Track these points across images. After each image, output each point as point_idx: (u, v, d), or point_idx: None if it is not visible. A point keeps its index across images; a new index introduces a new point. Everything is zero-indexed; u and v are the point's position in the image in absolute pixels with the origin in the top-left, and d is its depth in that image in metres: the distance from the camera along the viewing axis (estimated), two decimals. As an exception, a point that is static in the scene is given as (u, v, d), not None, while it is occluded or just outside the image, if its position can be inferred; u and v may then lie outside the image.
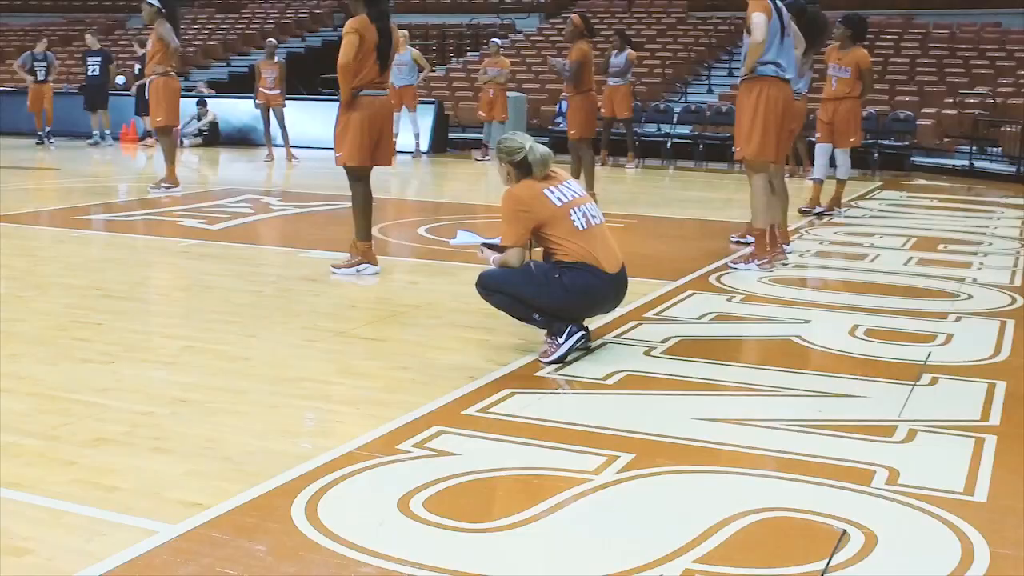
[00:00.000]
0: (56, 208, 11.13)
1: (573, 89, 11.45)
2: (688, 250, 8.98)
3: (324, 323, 6.01)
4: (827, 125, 10.95)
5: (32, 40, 22.89)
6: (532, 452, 4.01)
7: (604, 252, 5.25)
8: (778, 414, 4.55)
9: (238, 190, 13.07)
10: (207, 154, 18.81)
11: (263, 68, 17.24)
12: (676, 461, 3.94)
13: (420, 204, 12.87)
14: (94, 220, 9.98)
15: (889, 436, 4.27)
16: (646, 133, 18.57)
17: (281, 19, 29.86)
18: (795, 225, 10.24)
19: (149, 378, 4.89)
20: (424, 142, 18.85)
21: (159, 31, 11.71)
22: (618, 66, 16.53)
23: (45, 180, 14.73)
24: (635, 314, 6.30)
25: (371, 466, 3.84)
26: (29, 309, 6.30)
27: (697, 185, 15.27)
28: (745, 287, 7.18)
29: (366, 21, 7.15)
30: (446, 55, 27.14)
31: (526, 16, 27.29)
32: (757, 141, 7.60)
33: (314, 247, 8.57)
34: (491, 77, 17.57)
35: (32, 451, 3.95)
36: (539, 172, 5.25)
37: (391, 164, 7.67)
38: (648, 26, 25.26)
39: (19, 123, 20.50)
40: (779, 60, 7.55)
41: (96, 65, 19.80)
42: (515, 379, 4.97)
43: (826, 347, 5.70)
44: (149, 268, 7.61)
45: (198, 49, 27.90)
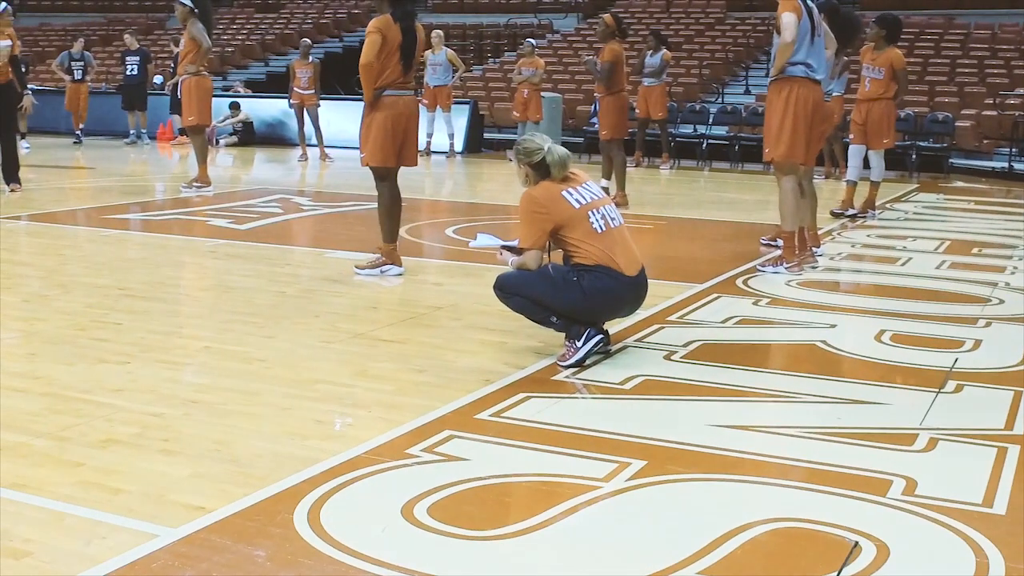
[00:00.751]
0: (88, 207, 11.18)
1: (605, 90, 11.38)
2: (717, 252, 8.88)
3: (344, 324, 5.98)
4: (860, 126, 10.80)
5: (73, 40, 23.03)
6: (542, 458, 3.96)
7: (623, 255, 5.18)
8: (796, 421, 4.48)
9: (270, 190, 13.09)
10: (241, 154, 18.86)
11: (298, 68, 17.27)
12: (688, 469, 3.88)
13: (451, 205, 12.82)
14: (124, 219, 10.01)
15: (909, 445, 4.17)
16: (681, 134, 18.45)
17: (319, 19, 29.93)
18: (827, 227, 10.12)
19: (163, 379, 4.87)
20: (459, 142, 18.82)
21: (191, 31, 11.75)
22: (653, 66, 16.43)
23: (79, 179, 14.83)
24: (658, 317, 6.23)
25: (378, 471, 3.79)
26: (51, 308, 6.31)
27: (732, 186, 15.13)
28: (772, 290, 7.09)
29: (389, 21, 7.13)
30: (483, 55, 27.12)
31: (563, 16, 27.22)
32: (786, 142, 7.50)
33: (340, 247, 8.55)
34: (525, 77, 17.51)
35: (40, 452, 3.94)
36: (557, 173, 5.19)
37: (416, 164, 7.62)
38: (686, 26, 25.12)
39: (58, 122, 20.65)
40: (809, 60, 7.46)
41: (135, 65, 19.92)
42: (531, 383, 4.92)
43: (851, 352, 5.60)
44: (174, 268, 7.61)
45: (236, 49, 28.02)
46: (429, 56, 18.03)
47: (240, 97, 21.33)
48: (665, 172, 16.66)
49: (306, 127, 17.60)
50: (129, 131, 19.98)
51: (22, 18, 33.31)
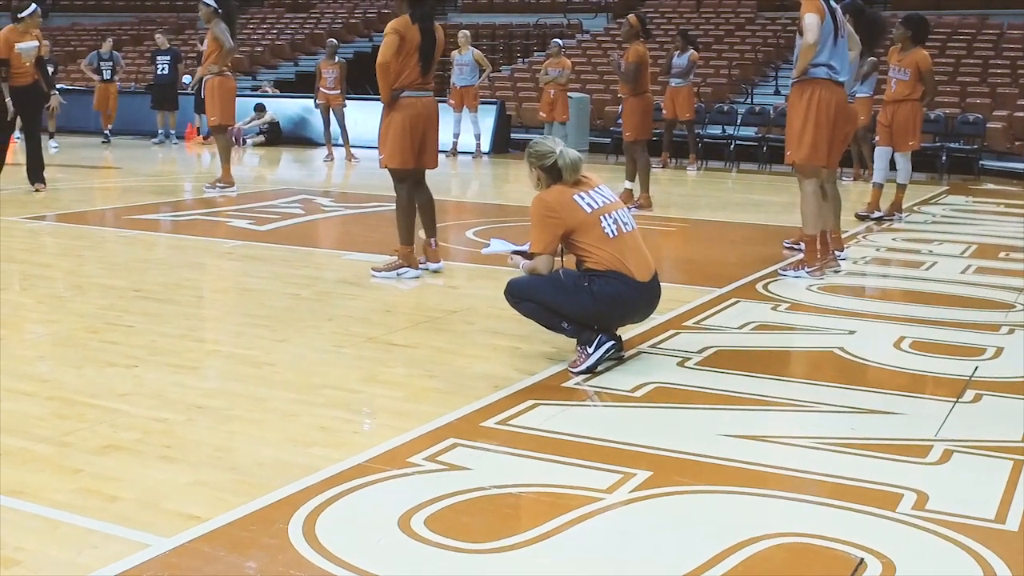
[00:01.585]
0: (110, 207, 11.21)
1: (629, 91, 11.30)
2: (739, 255, 8.78)
3: (356, 328, 5.93)
4: (886, 128, 10.67)
5: (103, 40, 23.15)
6: (545, 468, 3.89)
7: (635, 260, 5.11)
8: (808, 431, 4.39)
9: (293, 190, 13.08)
10: (268, 154, 18.89)
11: (324, 68, 17.27)
12: (694, 480, 3.80)
13: (475, 206, 12.73)
14: (145, 220, 10.00)
15: (922, 457, 4.08)
16: (709, 135, 18.31)
17: (349, 19, 29.96)
18: (853, 230, 10.00)
19: (170, 383, 4.83)
20: (485, 143, 18.76)
21: (214, 31, 11.75)
22: (680, 67, 16.32)
23: (105, 179, 14.88)
24: (674, 322, 6.15)
25: (378, 480, 3.74)
26: (65, 310, 6.30)
27: (759, 188, 15.01)
28: (792, 295, 6.99)
29: (407, 22, 7.09)
30: (513, 55, 27.06)
31: (593, 16, 27.12)
32: (808, 145, 7.41)
33: (359, 249, 8.51)
34: (552, 78, 17.44)
35: (41, 457, 3.91)
36: (569, 177, 5.12)
37: (436, 166, 7.57)
38: (716, 26, 24.97)
39: (87, 121, 20.74)
40: (832, 62, 7.35)
41: (166, 65, 19.96)
42: (541, 390, 4.85)
43: (869, 360, 5.50)
44: (191, 269, 7.59)
45: (266, 49, 28.08)
46: (456, 56, 18.00)
47: (267, 97, 21.36)
48: (692, 173, 16.55)
49: (332, 127, 17.56)
50: (157, 131, 20.03)
51: (54, 18, 33.56)
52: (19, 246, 8.42)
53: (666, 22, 25.37)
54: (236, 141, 19.59)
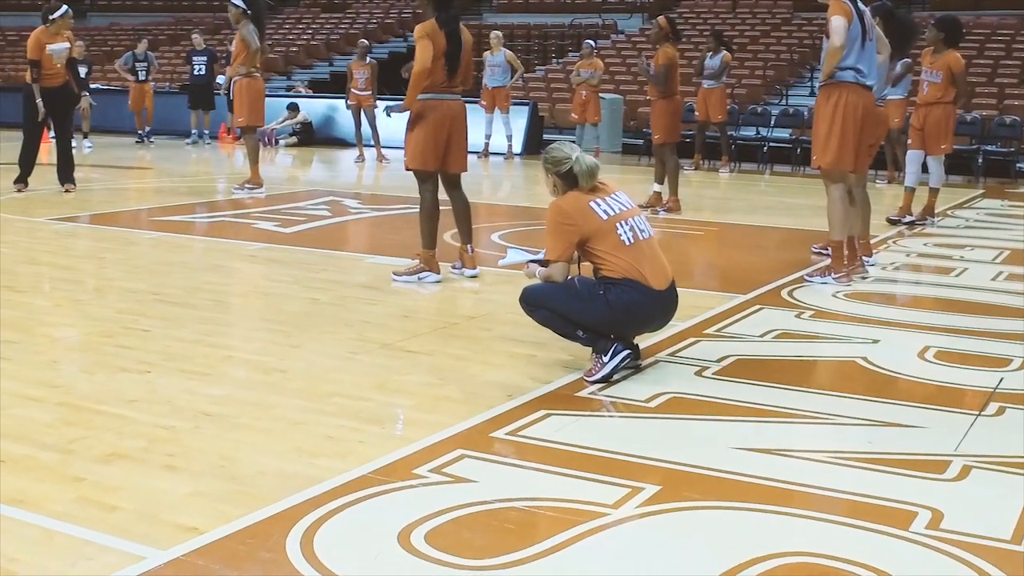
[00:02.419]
0: (138, 208, 11.24)
1: (658, 93, 11.21)
2: (766, 261, 8.69)
3: (372, 334, 5.88)
4: (918, 131, 10.53)
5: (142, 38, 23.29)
6: (552, 481, 3.82)
7: (652, 268, 5.03)
8: (824, 445, 4.30)
9: (321, 191, 13.08)
10: (300, 154, 18.92)
11: (355, 69, 17.27)
12: (703, 495, 3.72)
13: (503, 208, 12.66)
14: (171, 222, 10.01)
15: (940, 473, 3.98)
16: (743, 136, 18.18)
17: (384, 19, 29.98)
18: (883, 235, 9.87)
19: (181, 390, 4.80)
20: (517, 144, 18.71)
21: (241, 32, 11.75)
22: (713, 68, 16.20)
23: (136, 180, 14.92)
24: (695, 330, 6.06)
25: (381, 492, 3.68)
26: (82, 314, 6.29)
27: (792, 191, 14.87)
28: (817, 302, 6.89)
29: (434, 26, 7.05)
30: (547, 56, 27.00)
31: (628, 16, 27.01)
32: (834, 150, 7.29)
33: (382, 253, 8.47)
34: (584, 79, 17.36)
35: (44, 465, 3.88)
36: (585, 184, 5.05)
37: (465, 169, 7.51)
38: (752, 27, 24.81)
39: (121, 122, 20.87)
40: (859, 65, 7.23)
41: (202, 65, 20.04)
42: (554, 399, 4.78)
43: (891, 370, 5.39)
44: (212, 273, 7.56)
45: (301, 49, 28.14)
46: (488, 57, 17.97)
47: (300, 97, 21.40)
48: (724, 175, 16.42)
49: (363, 128, 17.55)
50: (191, 131, 20.10)
51: (92, 18, 33.85)
52: (43, 248, 8.45)
53: (701, 23, 25.22)
54: (268, 141, 19.68)
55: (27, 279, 7.17)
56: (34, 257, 7.99)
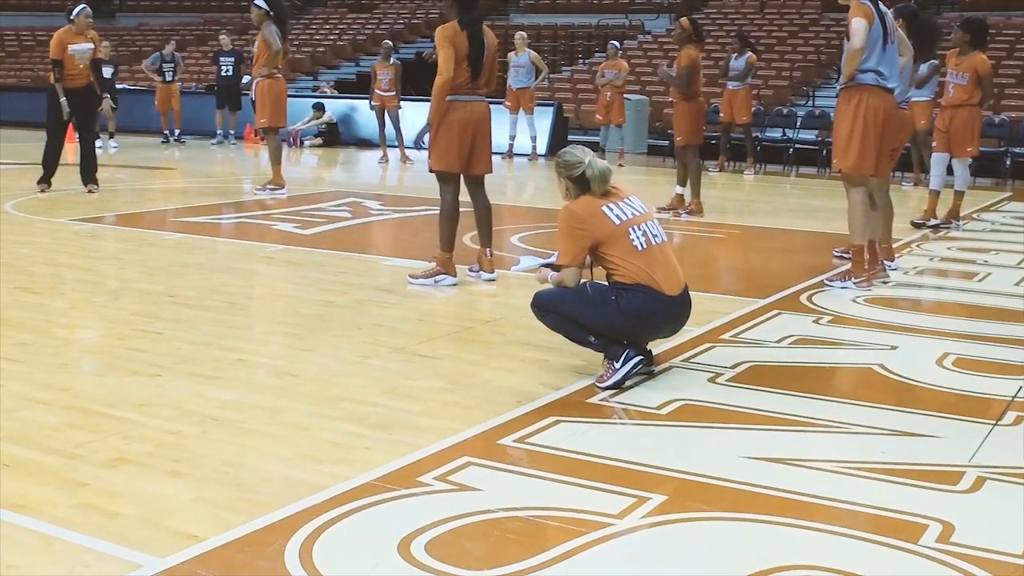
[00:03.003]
0: (159, 209, 11.25)
1: (681, 95, 11.14)
2: (787, 264, 8.61)
3: (385, 338, 5.85)
4: (944, 134, 10.43)
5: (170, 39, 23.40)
6: (557, 490, 3.78)
7: (664, 273, 4.98)
8: (836, 454, 4.24)
9: (343, 192, 13.08)
10: (325, 155, 18.93)
11: (379, 70, 17.27)
12: (710, 506, 3.67)
13: (526, 211, 12.58)
14: (190, 223, 10.02)
15: (953, 484, 3.91)
16: (768, 138, 18.06)
17: (412, 19, 29.99)
18: (907, 238, 9.77)
19: (190, 393, 4.78)
20: (542, 145, 18.67)
21: (264, 33, 11.77)
22: (737, 69, 16.12)
23: (160, 180, 14.95)
24: (711, 335, 6.00)
25: (384, 500, 3.65)
26: (97, 315, 6.30)
27: (817, 193, 14.75)
28: (836, 307, 6.81)
29: (456, 28, 7.02)
30: (574, 56, 26.94)
31: (655, 17, 26.92)
32: (855, 153, 7.21)
33: (400, 255, 8.45)
34: (608, 80, 17.29)
35: (48, 470, 3.87)
36: (598, 188, 5.00)
37: (490, 171, 7.47)
38: (779, 27, 24.68)
39: (148, 122, 20.95)
40: (880, 68, 7.15)
41: (229, 65, 20.09)
42: (564, 406, 4.74)
43: (908, 378, 5.32)
44: (228, 274, 7.55)
45: (327, 49, 28.18)
46: (512, 58, 17.93)
47: (325, 98, 21.43)
48: (749, 177, 16.32)
49: (387, 128, 17.55)
50: (216, 131, 20.15)
51: (121, 18, 34.01)
52: (63, 248, 8.47)
53: (728, 23, 25.11)
54: (294, 142, 19.72)
55: (45, 280, 7.18)
56: (53, 258, 8.01)
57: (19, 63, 31.32)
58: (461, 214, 7.39)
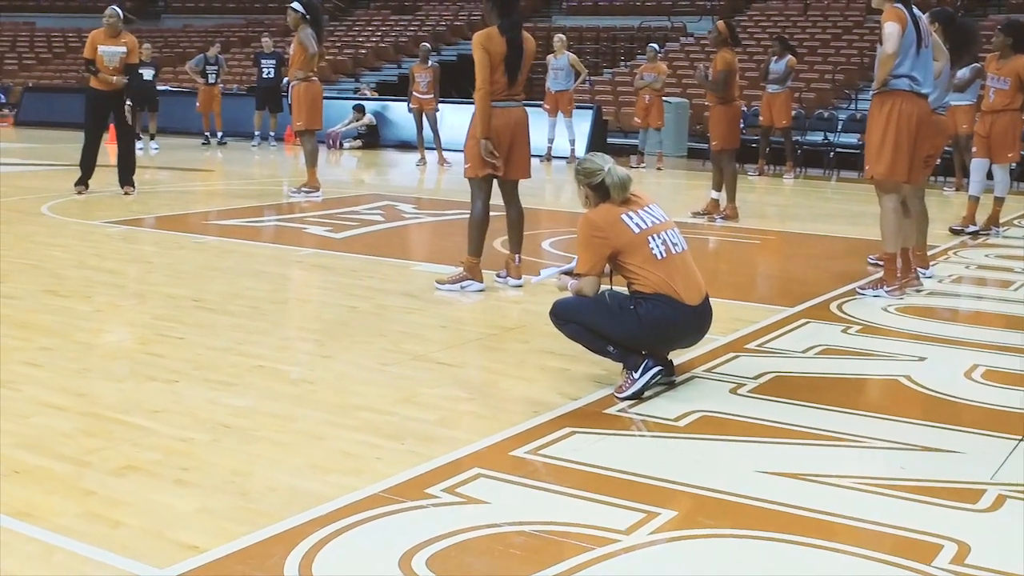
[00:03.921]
0: (193, 212, 11.29)
1: (716, 99, 11.06)
2: (821, 271, 8.50)
3: (406, 345, 5.82)
4: (984, 139, 10.28)
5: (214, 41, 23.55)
6: (566, 504, 3.73)
7: (684, 283, 4.91)
8: (855, 470, 4.15)
9: (379, 195, 13.07)
10: (364, 157, 18.96)
11: (417, 72, 17.28)
12: (720, 522, 3.60)
13: (562, 215, 12.49)
14: (223, 226, 10.05)
15: (973, 502, 3.82)
16: (809, 142, 17.90)
17: (454, 21, 30.03)
18: (944, 245, 9.63)
19: (205, 400, 4.77)
20: (580, 148, 18.60)
21: (299, 36, 11.80)
22: (777, 72, 15.99)
23: (197, 182, 15.03)
24: (736, 344, 5.92)
25: (390, 512, 3.60)
26: (120, 320, 6.31)
27: (858, 198, 14.52)
28: (867, 316, 6.71)
29: (494, 34, 6.98)
30: (616, 58, 26.85)
31: (697, 19, 26.78)
32: (887, 160, 7.10)
33: (429, 260, 8.42)
34: (647, 83, 17.21)
35: (57, 477, 3.86)
36: (617, 196, 4.95)
37: (527, 176, 7.42)
38: (823, 30, 24.48)
39: (189, 123, 21.08)
40: (914, 73, 7.04)
41: (271, 68, 20.15)
42: (581, 416, 4.68)
43: (934, 390, 5.21)
44: (255, 278, 7.53)
45: (369, 51, 28.26)
46: (551, 60, 17.88)
47: (365, 100, 21.47)
48: (788, 182, 16.18)
49: (425, 131, 17.56)
50: (255, 133, 20.23)
51: (166, 20, 34.27)
52: (94, 251, 8.51)
53: (772, 25, 24.97)
54: (333, 144, 19.77)
55: (73, 283, 7.21)
56: (83, 261, 8.05)
57: (65, 64, 31.64)
58: (493, 218, 7.34)
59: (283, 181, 14.89)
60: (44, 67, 31.84)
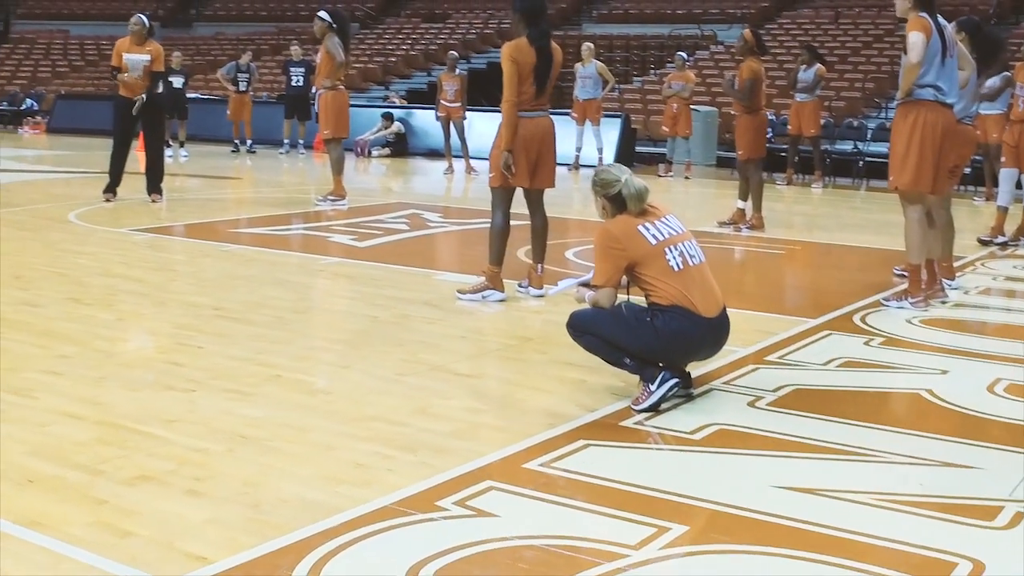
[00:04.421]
0: (219, 220, 11.30)
1: (742, 108, 11.01)
2: (845, 282, 8.43)
3: (424, 355, 5.81)
4: (1013, 148, 10.18)
5: (246, 49, 23.67)
6: (576, 517, 3.71)
7: (701, 295, 4.88)
8: (872, 485, 4.10)
9: (404, 204, 13.09)
10: (392, 165, 18.99)
11: (445, 81, 17.30)
12: (732, 538, 3.57)
13: (589, 224, 12.45)
14: (248, 234, 10.08)
15: (990, 520, 3.77)
16: (838, 151, 17.79)
17: (484, 29, 30.05)
18: (971, 256, 9.54)
19: (221, 410, 4.77)
20: (609, 156, 18.54)
21: (327, 45, 11.83)
22: (806, 81, 15.91)
23: (225, 189, 15.09)
24: (756, 356, 5.88)
25: (399, 525, 3.59)
26: (140, 328, 6.34)
27: (887, 207, 14.34)
28: (890, 328, 6.65)
29: (523, 44, 6.99)
30: (646, 67, 26.80)
31: (728, 27, 26.68)
32: (912, 170, 7.05)
33: (452, 269, 8.41)
34: (675, 91, 17.16)
35: (70, 486, 3.87)
36: (634, 207, 4.93)
37: (552, 185, 7.43)
38: (854, 38, 24.36)
39: (219, 131, 21.18)
40: (939, 83, 6.98)
41: (300, 76, 20.20)
42: (596, 428, 4.66)
43: (955, 405, 5.16)
44: (277, 287, 7.54)
45: (399, 59, 28.33)
46: (579, 68, 17.86)
47: (393, 108, 21.52)
48: (817, 191, 16.09)
49: (452, 139, 17.57)
50: (283, 140, 20.30)
51: (198, 27, 34.47)
52: (118, 259, 8.55)
53: (802, 33, 24.88)
54: (362, 152, 19.83)
55: (96, 291, 7.25)
56: (108, 269, 8.08)
57: (98, 72, 31.83)
58: (518, 228, 7.33)
59: (311, 189, 14.91)
60: (77, 75, 32.08)
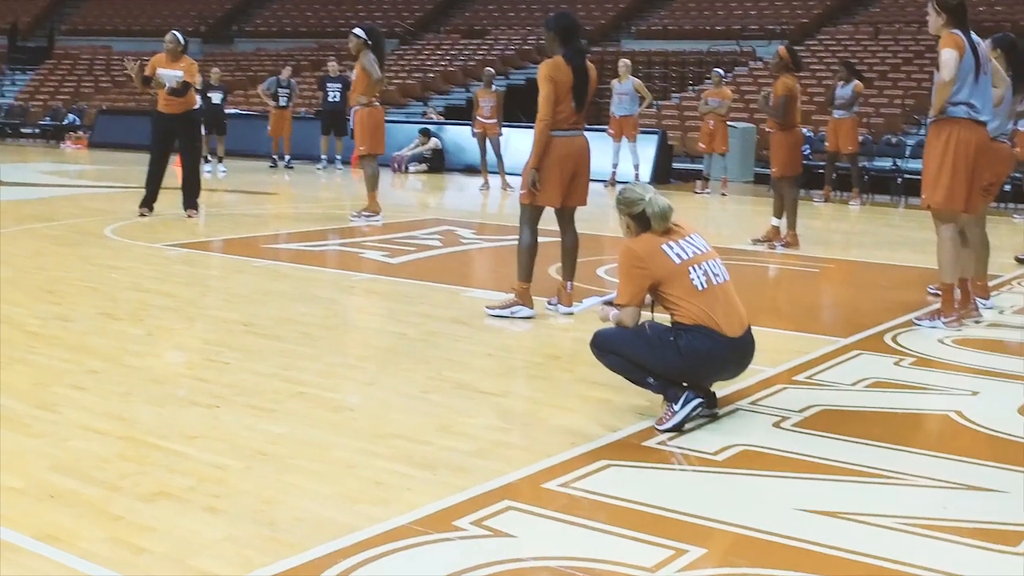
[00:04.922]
0: (253, 235, 11.34)
1: (777, 125, 10.94)
2: (879, 301, 8.34)
3: (450, 372, 5.79)
4: (1051, 167, 10.06)
5: (285, 65, 23.82)
6: (593, 539, 3.68)
7: (725, 314, 4.84)
8: (896, 509, 4.04)
9: (439, 220, 13.10)
10: (429, 181, 19.04)
11: (481, 97, 17.32)
12: (751, 562, 3.53)
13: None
14: (281, 249, 10.13)
15: (1014, 545, 3.70)
16: (877, 168, 17.65)
17: (523, 45, 30.09)
18: (1008, 275, 9.43)
19: (244, 426, 4.78)
20: (645, 173, 18.51)
21: (362, 62, 11.86)
22: (844, 98, 15.80)
23: (262, 205, 15.17)
24: (784, 376, 5.83)
25: (413, 544, 3.58)
26: (170, 343, 6.37)
27: (925, 225, 14.17)
28: (922, 348, 6.57)
29: (560, 63, 6.99)
30: (685, 83, 26.74)
31: (767, 43, 26.55)
32: (944, 188, 6.97)
33: (482, 286, 8.40)
34: (711, 108, 17.09)
35: (88, 502, 3.89)
36: (658, 226, 4.90)
37: (584, 203, 7.42)
38: (894, 54, 24.17)
39: (258, 146, 21.30)
40: (972, 100, 6.91)
41: (337, 92, 20.25)
42: (619, 448, 4.63)
43: (985, 427, 5.08)
44: (307, 303, 7.54)
45: (438, 75, 28.42)
46: (616, 85, 17.85)
47: (431, 124, 21.58)
48: (854, 208, 15.96)
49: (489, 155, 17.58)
50: (321, 156, 20.38)
51: (239, 43, 34.74)
52: (151, 274, 8.60)
53: (842, 49, 24.72)
54: (399, 168, 19.89)
55: (127, 306, 7.30)
56: (140, 284, 8.14)
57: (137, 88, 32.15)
58: (549, 244, 7.32)
59: (347, 205, 14.95)
60: (119, 90, 32.37)
